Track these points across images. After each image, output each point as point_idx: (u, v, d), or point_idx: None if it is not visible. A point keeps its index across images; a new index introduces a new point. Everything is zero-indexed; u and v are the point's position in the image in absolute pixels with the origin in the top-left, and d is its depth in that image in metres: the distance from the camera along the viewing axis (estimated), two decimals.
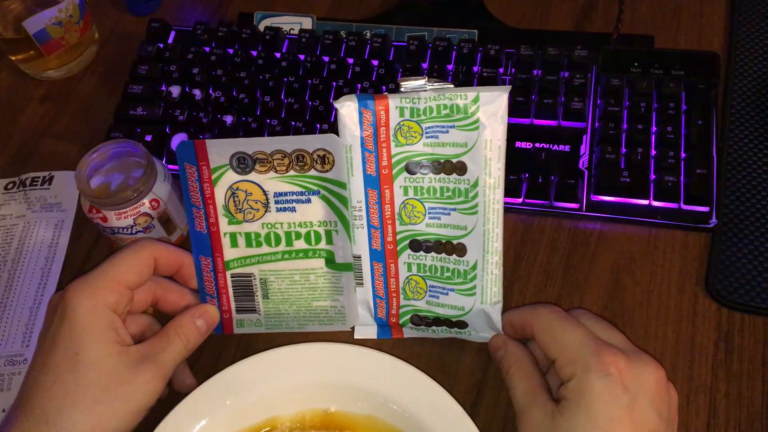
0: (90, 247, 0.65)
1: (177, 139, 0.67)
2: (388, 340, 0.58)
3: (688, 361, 0.56)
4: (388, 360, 0.52)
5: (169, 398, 0.52)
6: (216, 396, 0.52)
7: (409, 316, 0.58)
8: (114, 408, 0.48)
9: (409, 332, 0.58)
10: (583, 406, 0.46)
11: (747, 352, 0.56)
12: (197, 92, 0.69)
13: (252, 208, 0.54)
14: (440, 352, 0.58)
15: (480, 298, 0.54)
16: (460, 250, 0.54)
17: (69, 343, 0.48)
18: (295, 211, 0.54)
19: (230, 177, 0.53)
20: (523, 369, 0.52)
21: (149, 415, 0.50)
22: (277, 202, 0.54)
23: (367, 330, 0.59)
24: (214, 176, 0.53)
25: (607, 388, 0.45)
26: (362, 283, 0.57)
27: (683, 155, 0.62)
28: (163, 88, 0.70)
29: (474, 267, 0.54)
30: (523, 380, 0.51)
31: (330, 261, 0.56)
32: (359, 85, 0.69)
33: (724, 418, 0.53)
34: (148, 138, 0.67)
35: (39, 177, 0.69)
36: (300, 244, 0.55)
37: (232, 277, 0.56)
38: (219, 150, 0.52)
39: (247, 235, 0.55)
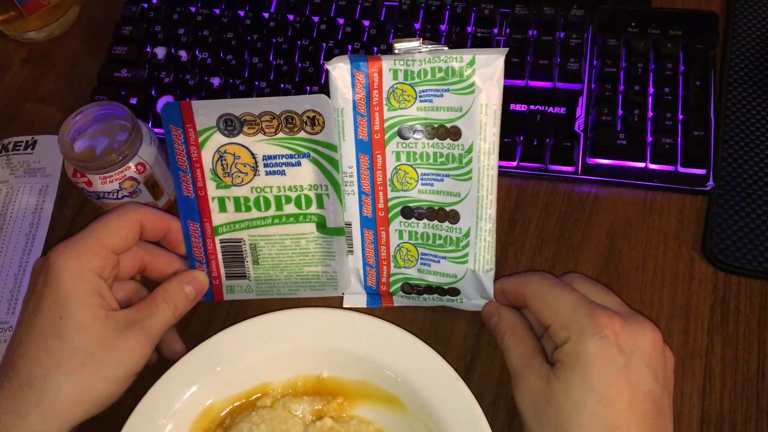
0: (75, 213, 0.63)
1: (163, 102, 0.66)
2: (381, 308, 0.57)
3: (683, 325, 0.55)
4: (380, 325, 0.51)
5: (159, 365, 0.52)
6: (206, 362, 0.51)
7: (399, 285, 0.57)
8: (100, 373, 0.47)
9: (399, 301, 0.58)
10: (577, 368, 0.45)
11: (743, 315, 0.55)
12: (183, 54, 0.67)
13: (240, 172, 0.53)
14: (433, 318, 0.57)
15: (472, 265, 0.54)
16: (453, 217, 0.53)
17: (53, 308, 0.47)
18: (284, 174, 0.53)
19: (217, 140, 0.52)
20: (518, 334, 0.51)
21: (138, 381, 0.50)
22: (266, 166, 0.53)
23: (357, 298, 0.58)
24: (200, 139, 0.52)
25: (602, 350, 0.45)
26: (352, 251, 0.56)
27: (681, 117, 0.61)
28: (148, 49, 0.68)
29: (467, 234, 0.53)
30: (518, 345, 0.50)
31: (321, 225, 0.55)
32: (350, 47, 0.67)
33: (719, 382, 0.53)
34: (133, 101, 0.65)
35: (22, 141, 0.67)
36: (290, 209, 0.54)
37: (221, 242, 0.55)
38: (205, 112, 0.51)
39: (236, 200, 0.54)
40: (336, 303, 0.57)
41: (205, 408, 0.51)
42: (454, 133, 0.51)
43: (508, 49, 0.50)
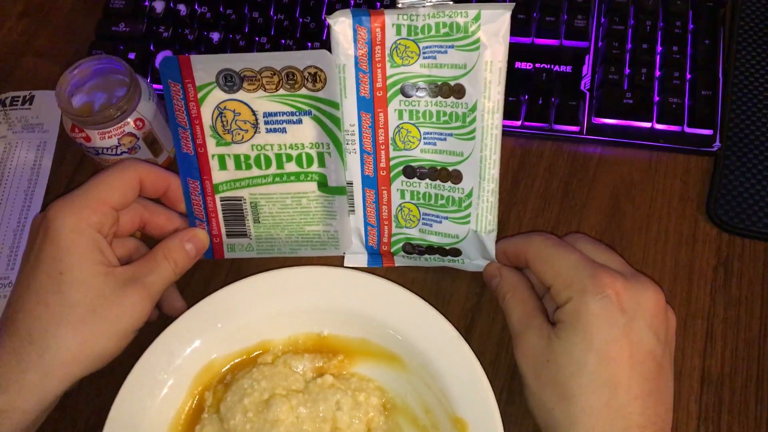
0: (74, 170, 0.63)
1: (162, 57, 0.64)
2: (382, 268, 0.57)
3: (686, 287, 0.55)
4: (381, 284, 0.51)
5: (159, 322, 0.52)
6: (207, 319, 0.51)
7: (401, 245, 0.56)
8: (100, 329, 0.47)
9: (400, 261, 0.57)
10: (579, 328, 0.45)
11: (746, 277, 0.55)
12: (182, 7, 0.66)
13: (240, 129, 0.52)
14: (434, 279, 0.57)
15: (474, 226, 0.53)
16: (456, 177, 0.53)
17: (53, 263, 0.47)
18: (285, 132, 0.52)
19: (217, 95, 0.51)
20: (520, 294, 0.51)
21: (139, 338, 0.50)
22: (266, 123, 0.52)
23: (358, 258, 0.58)
24: (200, 95, 0.51)
25: (603, 309, 0.45)
26: (353, 210, 0.56)
27: (688, 76, 0.60)
28: (147, 3, 0.67)
29: (469, 195, 0.53)
30: (519, 305, 0.50)
31: (322, 184, 0.54)
32: (352, 1, 0.66)
33: (720, 343, 0.53)
34: (132, 56, 0.64)
35: (19, 96, 0.66)
36: (291, 167, 0.53)
37: (221, 200, 0.55)
38: (205, 66, 0.50)
39: (236, 157, 0.53)
40: (337, 262, 0.57)
41: (206, 364, 0.51)
42: (458, 91, 0.50)
43: (514, 4, 0.49)
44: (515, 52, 0.61)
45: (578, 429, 0.44)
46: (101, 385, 0.52)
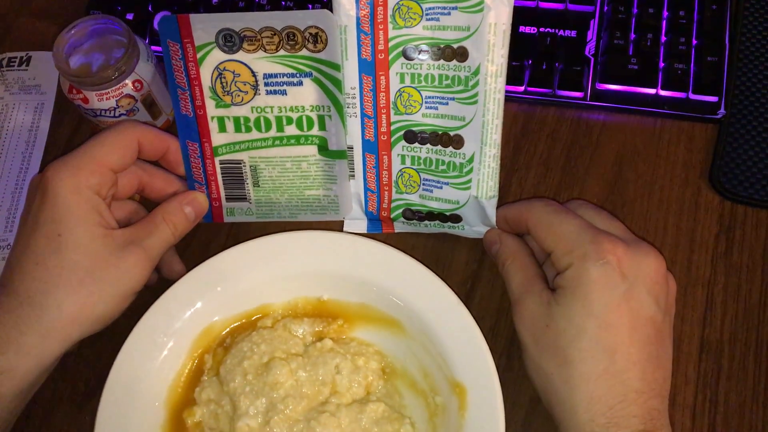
0: (72, 132, 0.62)
1: (160, 17, 0.63)
2: (382, 234, 0.57)
3: (687, 254, 0.55)
4: (382, 249, 0.51)
5: (159, 285, 0.51)
6: (206, 282, 0.51)
7: (401, 211, 0.56)
8: (100, 291, 0.47)
9: (400, 227, 0.57)
10: (579, 293, 0.45)
11: (748, 245, 0.55)
12: None
13: (240, 91, 0.52)
14: (434, 245, 0.57)
15: (475, 191, 0.53)
16: (457, 142, 0.52)
17: (51, 225, 0.46)
18: (285, 94, 0.52)
19: (216, 56, 0.50)
20: (520, 260, 0.51)
21: (138, 301, 0.50)
22: (266, 84, 0.51)
23: (357, 224, 0.57)
24: (199, 55, 0.50)
25: (604, 275, 0.44)
26: (353, 176, 0.55)
27: (694, 42, 0.59)
28: None
29: (470, 160, 0.52)
30: (519, 271, 0.50)
31: (323, 148, 0.54)
32: None
33: (720, 311, 0.53)
34: (130, 17, 0.63)
35: (16, 57, 0.65)
36: (291, 130, 0.53)
37: (220, 163, 0.54)
38: (204, 26, 0.49)
39: (236, 120, 0.53)
40: (337, 227, 0.57)
41: (206, 327, 0.51)
42: (461, 54, 0.50)
43: None
44: (519, 16, 0.60)
45: (577, 394, 0.44)
46: (101, 347, 0.52)
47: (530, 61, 0.60)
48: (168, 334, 0.49)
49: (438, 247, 0.56)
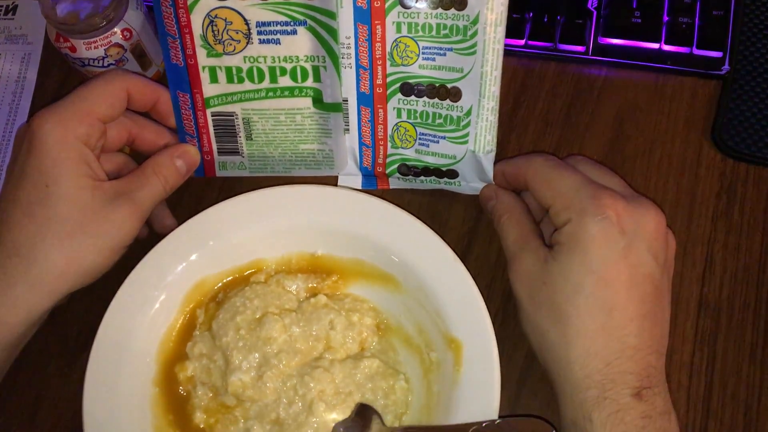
0: (60, 84, 0.61)
1: None
2: (377, 190, 0.56)
3: (687, 212, 0.54)
4: (377, 203, 0.50)
5: (150, 240, 0.50)
6: (198, 237, 0.50)
7: (396, 166, 0.55)
8: (88, 244, 0.46)
9: (395, 183, 0.56)
10: (577, 249, 0.44)
11: (749, 203, 0.54)
12: None
13: (232, 39, 0.50)
14: (430, 202, 0.56)
15: (473, 146, 0.52)
16: (455, 94, 0.51)
17: (38, 175, 0.45)
18: (279, 43, 0.50)
19: (208, 3, 0.49)
20: (516, 216, 0.50)
21: (129, 255, 0.49)
22: (259, 33, 0.50)
23: (351, 179, 0.56)
24: (189, 1, 0.48)
25: (603, 231, 0.44)
26: (348, 130, 0.54)
27: None
28: None
29: (468, 113, 0.51)
30: (515, 227, 0.49)
31: (318, 100, 0.52)
32: None
33: (720, 269, 0.52)
34: None
35: (2, 6, 0.63)
36: (285, 81, 0.51)
37: (212, 115, 0.53)
38: None
39: (228, 70, 0.51)
40: (331, 183, 0.56)
41: (198, 282, 0.50)
42: (460, 2, 0.48)
43: None
44: None
45: (572, 351, 0.43)
46: (90, 302, 0.51)
47: (531, 14, 0.58)
48: (159, 288, 0.48)
49: (434, 203, 0.56)
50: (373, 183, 0.56)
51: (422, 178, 0.55)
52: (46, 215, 0.45)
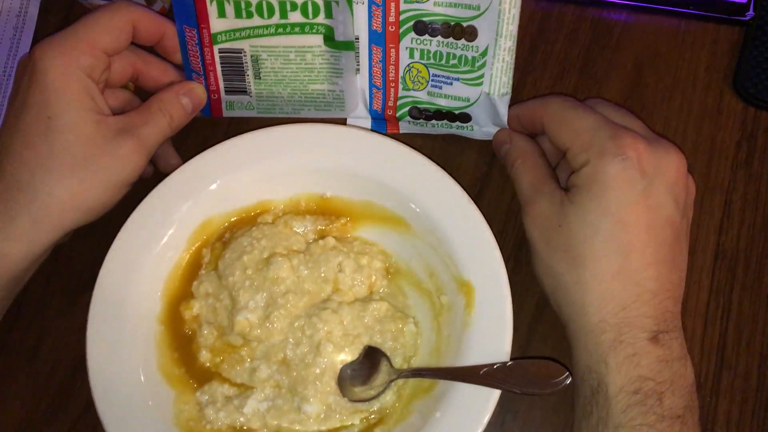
0: (63, 18, 0.59)
1: None
2: (387, 134, 0.54)
3: (706, 161, 0.53)
4: (389, 143, 0.49)
5: (155, 179, 0.49)
6: (204, 175, 0.49)
7: (407, 109, 0.53)
8: (92, 179, 0.44)
9: (406, 127, 0.54)
10: (595, 191, 0.43)
11: None
12: None
13: None
14: (442, 147, 0.54)
15: (487, 88, 0.50)
16: (470, 33, 0.49)
17: (41, 107, 0.44)
18: None
19: None
20: (530, 161, 0.48)
21: (134, 195, 0.47)
22: None
23: (361, 123, 0.55)
24: None
25: (623, 172, 0.42)
26: (359, 70, 0.52)
27: None
28: None
29: (484, 53, 0.49)
30: (530, 171, 0.48)
31: (329, 38, 0.51)
32: None
33: (738, 218, 0.51)
34: None
35: None
36: (296, 17, 0.50)
37: (220, 52, 0.51)
38: None
39: (236, 4, 0.49)
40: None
41: (204, 221, 0.49)
42: None
43: None
44: None
45: (588, 294, 0.42)
46: (94, 240, 0.50)
47: None
48: (164, 227, 0.47)
49: (445, 149, 0.54)
50: (383, 127, 0.55)
51: (434, 122, 0.53)
52: (48, 148, 0.44)
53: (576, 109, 0.46)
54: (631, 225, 0.42)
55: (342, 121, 0.54)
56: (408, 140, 0.54)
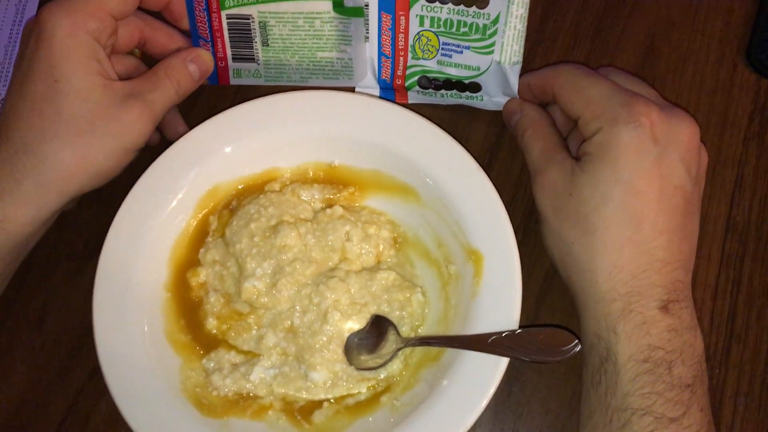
0: None
1: None
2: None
3: (718, 133, 0.52)
4: (398, 111, 0.48)
5: (161, 147, 0.49)
6: (211, 141, 0.48)
7: (416, 78, 0.53)
8: (99, 143, 0.44)
9: (414, 97, 0.54)
10: (607, 159, 0.42)
11: None
12: None
13: None
14: (452, 117, 0.54)
15: (498, 56, 0.49)
16: (482, 0, 0.48)
17: (47, 70, 0.43)
18: None
19: None
20: (541, 130, 0.48)
21: (140, 162, 0.47)
22: None
23: (369, 92, 0.54)
24: None
25: (635, 139, 0.42)
26: (368, 38, 0.52)
27: None
28: None
29: (495, 20, 0.48)
30: (540, 140, 0.47)
31: (338, 4, 0.50)
32: None
33: (749, 191, 0.51)
34: None
35: None
36: None
37: (227, 18, 0.50)
38: None
39: None
40: None
41: (211, 189, 0.49)
42: None
43: None
44: None
45: (598, 263, 0.42)
46: (100, 207, 0.50)
47: None
48: (171, 193, 0.47)
49: (454, 119, 0.54)
50: (392, 96, 0.54)
51: (443, 91, 0.53)
52: (54, 112, 0.43)
53: (588, 76, 0.45)
54: (642, 193, 0.42)
55: (350, 90, 0.54)
56: (417, 111, 0.53)
